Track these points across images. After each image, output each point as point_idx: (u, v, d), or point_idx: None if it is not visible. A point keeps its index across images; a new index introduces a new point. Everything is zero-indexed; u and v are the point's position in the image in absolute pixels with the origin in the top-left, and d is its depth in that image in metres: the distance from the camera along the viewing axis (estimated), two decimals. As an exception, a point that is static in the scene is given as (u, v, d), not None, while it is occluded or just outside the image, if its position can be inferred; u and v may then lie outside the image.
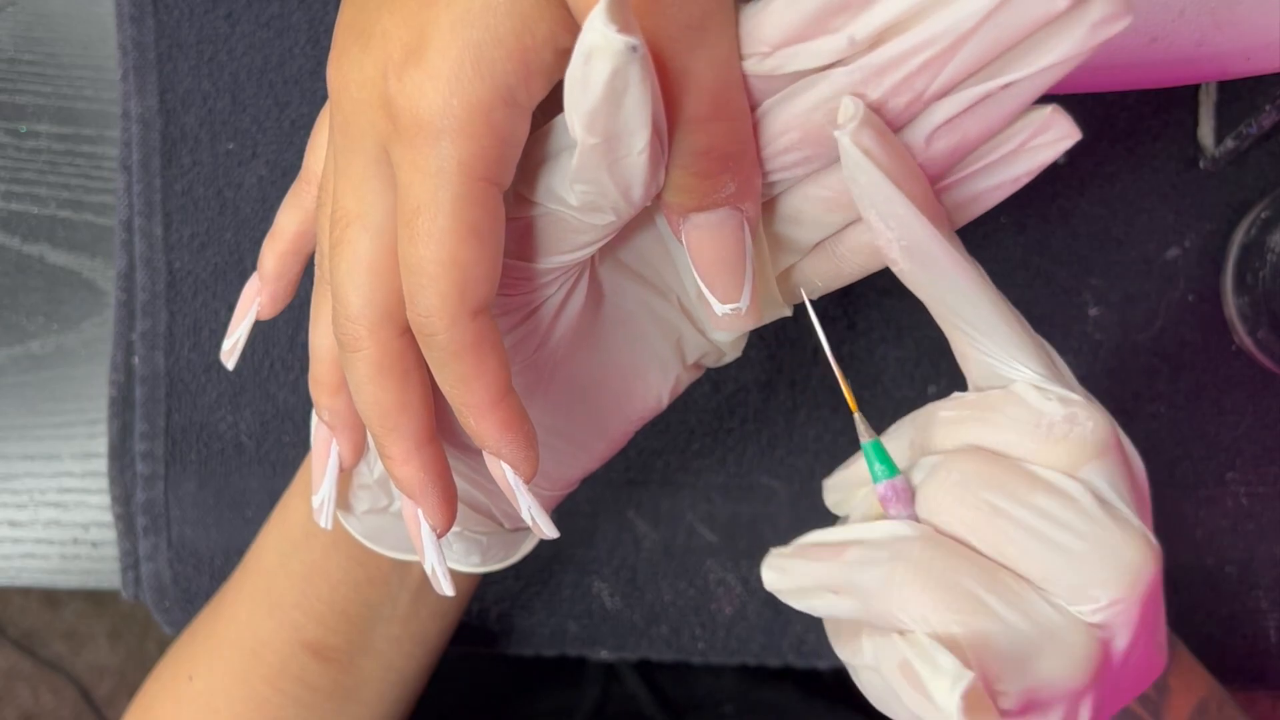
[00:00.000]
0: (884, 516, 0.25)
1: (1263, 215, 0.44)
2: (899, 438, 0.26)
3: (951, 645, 0.22)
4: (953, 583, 0.22)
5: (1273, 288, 0.43)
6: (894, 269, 0.24)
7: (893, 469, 0.24)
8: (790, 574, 0.24)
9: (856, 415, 0.25)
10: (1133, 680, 0.25)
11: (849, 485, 0.28)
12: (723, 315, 0.25)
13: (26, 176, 0.48)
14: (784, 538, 0.47)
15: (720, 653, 0.47)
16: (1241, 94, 0.44)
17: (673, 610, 0.47)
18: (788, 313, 0.29)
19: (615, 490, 0.47)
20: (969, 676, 0.21)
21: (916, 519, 0.24)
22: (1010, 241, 0.46)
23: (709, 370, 0.47)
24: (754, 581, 0.47)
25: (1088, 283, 0.46)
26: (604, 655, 0.48)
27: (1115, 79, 0.31)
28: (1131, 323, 0.46)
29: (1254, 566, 0.46)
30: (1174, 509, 0.46)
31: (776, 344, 0.46)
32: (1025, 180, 0.24)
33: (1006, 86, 0.21)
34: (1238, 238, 0.45)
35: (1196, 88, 0.45)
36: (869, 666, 0.23)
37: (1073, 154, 0.46)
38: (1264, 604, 0.47)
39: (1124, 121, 0.46)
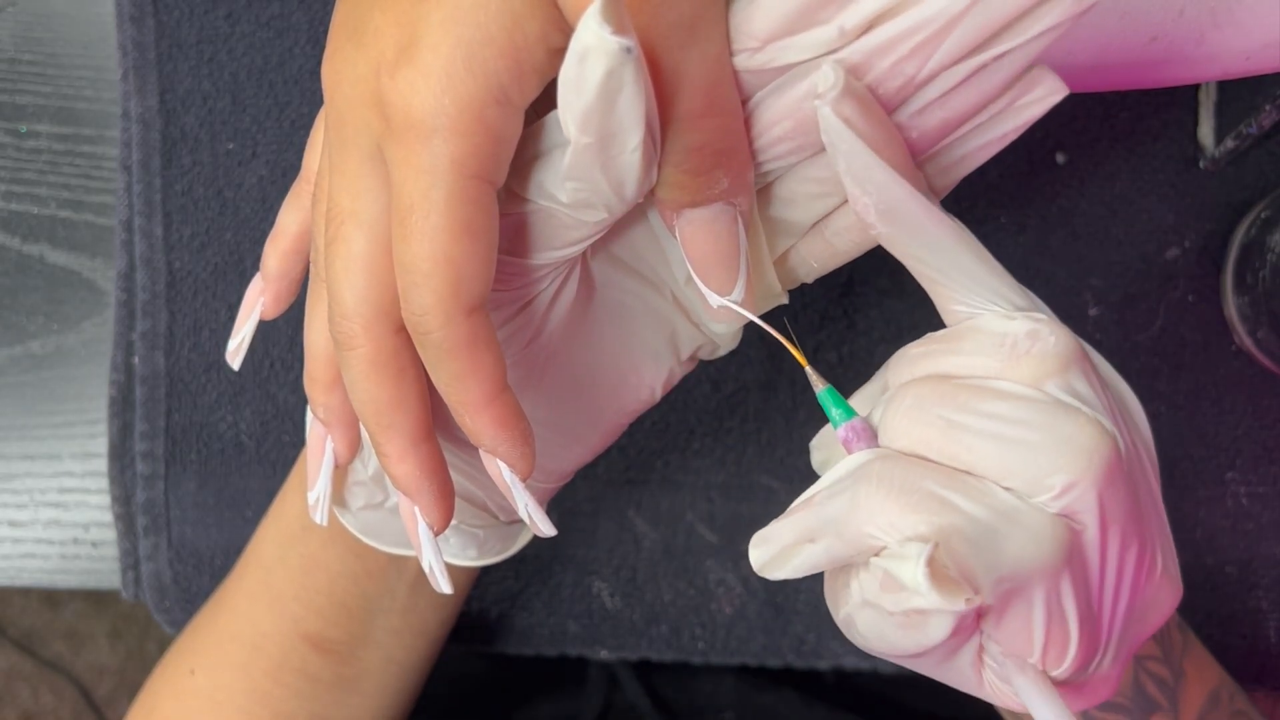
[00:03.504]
0: None
1: (1263, 215, 0.44)
2: (875, 383, 0.27)
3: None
4: (914, 486, 0.22)
5: (1273, 288, 0.43)
6: (872, 232, 0.24)
7: (849, 411, 0.25)
8: (771, 541, 0.24)
9: (808, 369, 0.25)
10: (1140, 600, 0.25)
11: (831, 442, 0.29)
12: (718, 307, 0.25)
13: (26, 176, 0.48)
14: (784, 538, 0.47)
15: (720, 653, 0.47)
16: (1241, 94, 0.44)
17: (673, 610, 0.47)
18: (785, 300, 0.29)
19: (615, 490, 0.47)
20: (928, 546, 0.21)
21: None
22: (1010, 241, 0.46)
23: (709, 370, 0.47)
24: (754, 581, 0.47)
25: (1088, 283, 0.46)
26: (604, 655, 0.48)
27: (1115, 79, 0.31)
28: (1131, 323, 0.46)
29: (1254, 566, 0.46)
30: (1173, 509, 0.46)
31: (776, 344, 0.46)
32: (1013, 137, 0.24)
33: (998, 57, 0.21)
34: (1238, 238, 0.45)
35: (1196, 88, 0.45)
36: (859, 605, 0.23)
37: (1073, 154, 0.46)
38: (1264, 604, 0.47)
39: (1124, 121, 0.46)
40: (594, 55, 0.19)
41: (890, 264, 0.46)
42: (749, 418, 0.47)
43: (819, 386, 0.25)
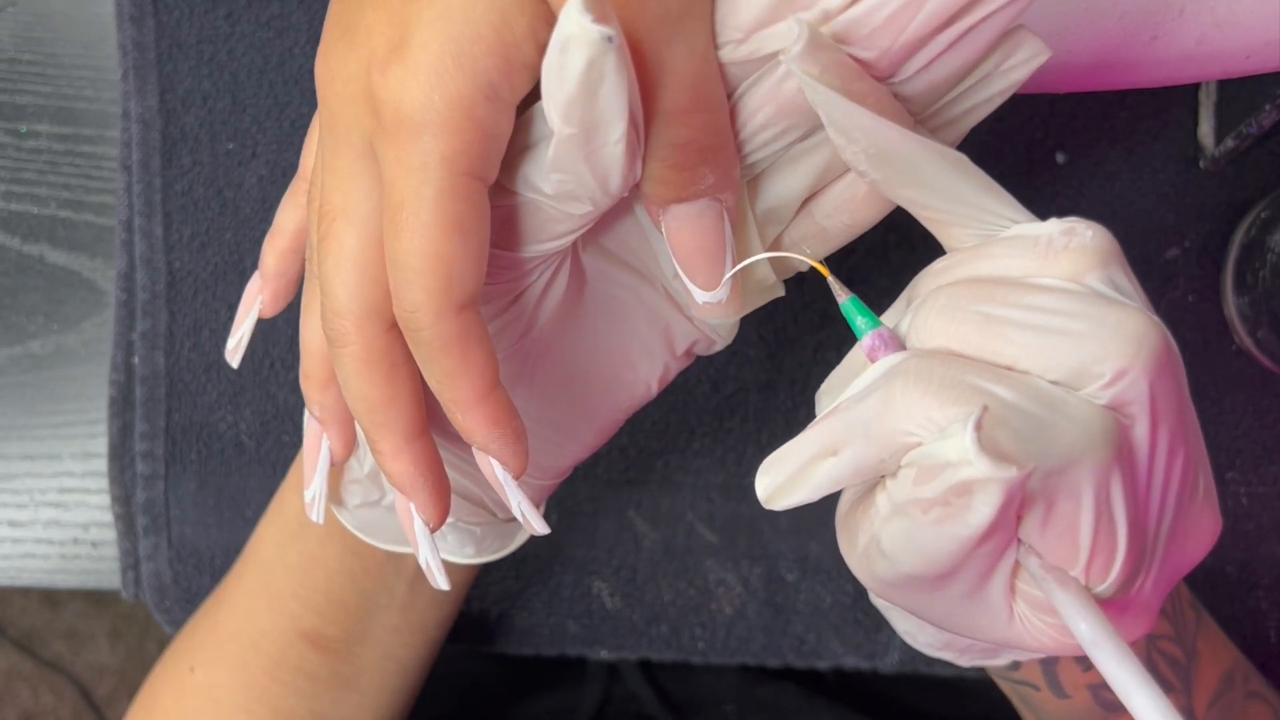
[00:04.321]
0: None
1: (1263, 215, 0.44)
2: (898, 305, 0.25)
3: None
4: (955, 379, 0.21)
5: (1273, 288, 0.43)
6: (867, 180, 0.23)
7: (874, 320, 0.23)
8: (784, 463, 0.23)
9: (830, 279, 0.24)
10: (1183, 521, 0.23)
11: (842, 381, 0.26)
12: (704, 304, 0.25)
13: (26, 176, 0.48)
14: (784, 538, 0.47)
15: (720, 653, 0.47)
16: (1241, 94, 0.44)
17: (673, 610, 0.47)
18: (781, 292, 0.29)
19: (615, 490, 0.47)
20: (975, 413, 0.19)
21: None
22: (1010, 241, 0.46)
23: (709, 370, 0.47)
24: (754, 581, 0.47)
25: (1088, 283, 0.46)
26: (604, 655, 0.48)
27: (1115, 79, 0.31)
28: (1131, 323, 0.46)
29: (1254, 566, 0.46)
30: (1174, 509, 0.46)
31: (776, 344, 0.46)
32: (999, 101, 0.24)
33: (976, 24, 0.21)
34: (1238, 238, 0.45)
35: (1196, 88, 0.45)
36: (887, 516, 0.22)
37: (1073, 154, 0.46)
38: (1264, 604, 0.47)
39: (1124, 121, 0.46)
40: (575, 44, 0.19)
41: (890, 264, 0.46)
42: (749, 418, 0.47)
43: (842, 296, 0.24)
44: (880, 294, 0.46)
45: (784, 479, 0.23)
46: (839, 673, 0.53)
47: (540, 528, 0.27)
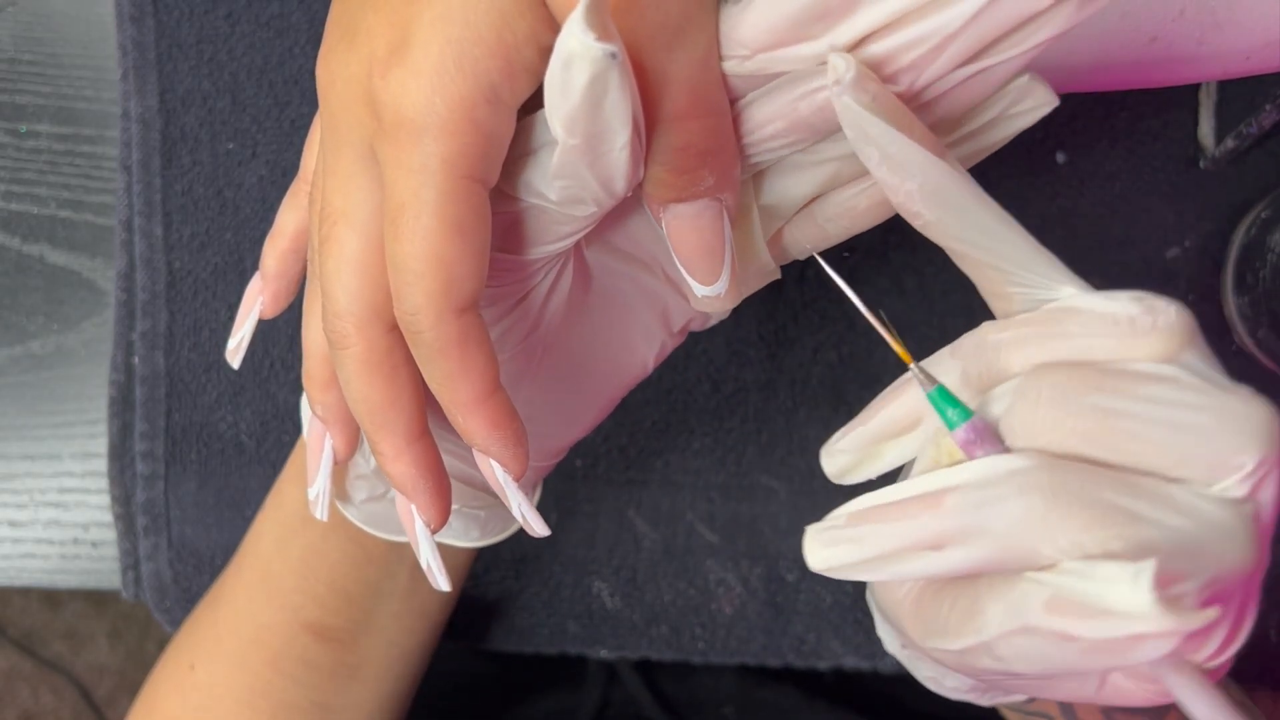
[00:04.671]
0: (959, 462, 0.22)
1: (1263, 215, 0.44)
2: (943, 374, 0.24)
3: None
4: (1095, 499, 0.20)
5: (1273, 288, 0.43)
6: (916, 222, 0.22)
7: (966, 411, 0.22)
8: (862, 544, 0.22)
9: (913, 366, 0.23)
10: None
11: (867, 442, 0.26)
12: (703, 297, 0.25)
13: (26, 176, 0.48)
14: (784, 538, 0.47)
15: (720, 653, 0.47)
16: (1241, 94, 0.44)
17: (673, 610, 0.47)
18: (777, 275, 0.29)
19: (615, 490, 0.47)
20: (1149, 564, 0.19)
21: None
22: (1010, 241, 0.46)
23: (709, 370, 0.47)
24: (754, 581, 0.47)
25: (1088, 283, 0.46)
26: (604, 655, 0.48)
27: (1115, 79, 0.31)
28: (1131, 323, 0.46)
29: (1254, 566, 0.46)
30: (1174, 509, 0.46)
31: (776, 344, 0.46)
32: (1000, 145, 0.24)
33: (992, 67, 0.21)
34: (1238, 238, 0.45)
35: (1196, 88, 0.45)
36: (1013, 631, 0.21)
37: (1073, 154, 0.46)
38: (1264, 604, 0.46)
39: (1124, 121, 0.46)
40: (578, 61, 0.19)
41: (890, 264, 0.46)
42: (749, 418, 0.47)
43: (928, 386, 0.23)
44: (880, 294, 0.46)
45: (856, 560, 0.22)
46: (839, 673, 0.53)
47: (540, 529, 0.27)
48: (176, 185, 0.47)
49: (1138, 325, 0.21)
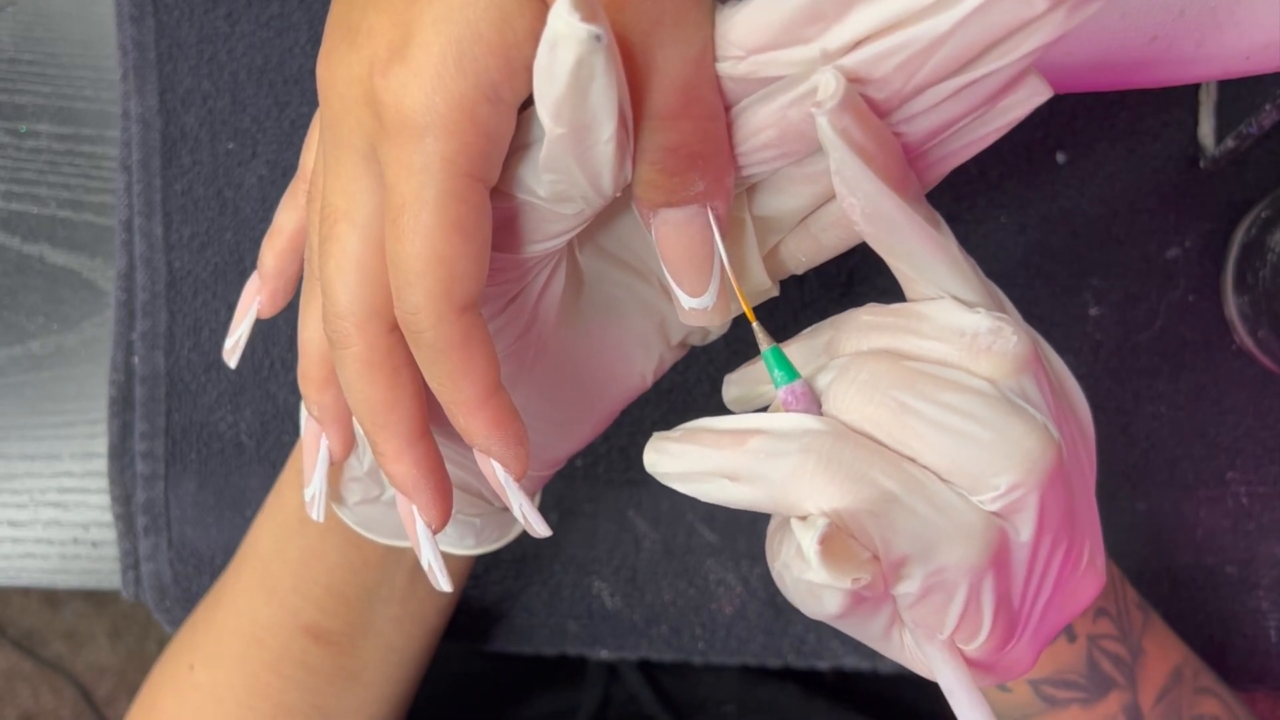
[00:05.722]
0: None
1: (1263, 215, 0.44)
2: (818, 336, 0.27)
3: (858, 530, 0.22)
4: (861, 473, 0.22)
5: (1273, 287, 0.43)
6: (856, 229, 0.24)
7: (793, 373, 0.25)
8: (680, 458, 0.24)
9: (755, 325, 0.25)
10: (1062, 592, 0.25)
11: (751, 381, 0.28)
12: (690, 309, 0.25)
13: (26, 176, 0.48)
14: (784, 538, 0.47)
15: (720, 653, 0.47)
16: (1241, 94, 0.44)
17: (673, 610, 0.47)
18: (775, 293, 0.29)
19: (615, 490, 0.47)
20: (823, 522, 0.22)
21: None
22: (1010, 241, 0.46)
23: (709, 370, 0.47)
24: (754, 581, 0.47)
25: (1088, 283, 0.46)
26: (604, 655, 0.48)
27: (1115, 79, 0.31)
28: (1132, 322, 0.46)
29: (1254, 566, 0.46)
30: (1174, 509, 0.46)
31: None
32: (995, 137, 0.24)
33: (985, 76, 0.22)
34: (1238, 238, 0.45)
35: (1196, 88, 0.45)
36: (784, 564, 0.24)
37: (1073, 154, 0.46)
38: (1264, 604, 0.47)
39: (1124, 121, 0.46)
40: (564, 43, 0.19)
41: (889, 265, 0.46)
42: (749, 418, 0.47)
43: (765, 345, 0.25)
44: (880, 294, 0.46)
45: (673, 471, 0.24)
46: (839, 673, 0.53)
47: (542, 530, 0.27)
48: (176, 185, 0.47)
49: (978, 343, 0.23)
